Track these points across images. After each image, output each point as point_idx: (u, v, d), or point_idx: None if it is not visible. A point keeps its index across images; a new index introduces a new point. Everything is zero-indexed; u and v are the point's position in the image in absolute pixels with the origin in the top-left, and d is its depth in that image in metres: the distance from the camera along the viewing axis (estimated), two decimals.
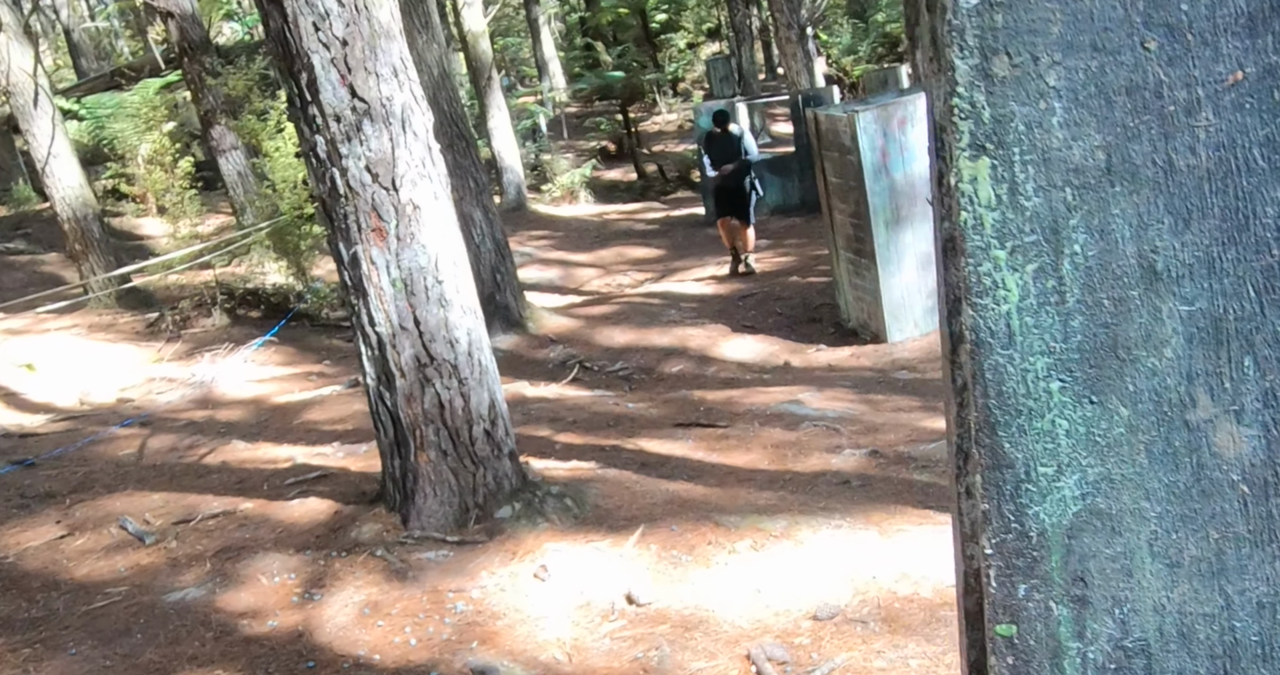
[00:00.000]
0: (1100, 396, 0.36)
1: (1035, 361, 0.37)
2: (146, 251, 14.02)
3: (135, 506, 5.42)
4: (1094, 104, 0.35)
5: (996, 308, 0.36)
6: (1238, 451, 0.36)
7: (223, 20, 21.39)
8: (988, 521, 0.38)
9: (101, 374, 8.83)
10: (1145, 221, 0.35)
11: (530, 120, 20.67)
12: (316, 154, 4.46)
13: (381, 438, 4.87)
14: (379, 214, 4.48)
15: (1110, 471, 0.36)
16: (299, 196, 10.75)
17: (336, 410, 7.40)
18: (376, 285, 4.55)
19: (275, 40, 4.39)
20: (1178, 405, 0.36)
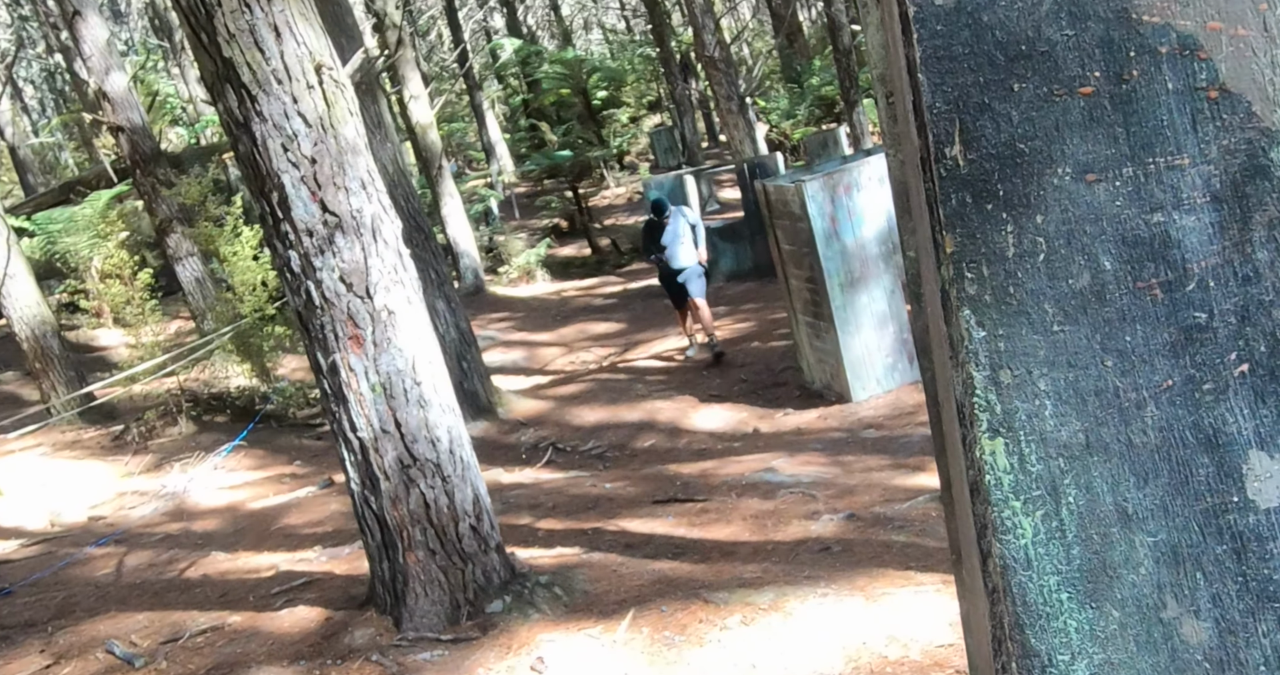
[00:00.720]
0: (1097, 603, 0.49)
1: (1049, 579, 0.49)
2: (105, 363, 13.94)
3: (120, 628, 5.37)
4: (1073, 402, 0.48)
5: (1017, 542, 0.49)
6: (1199, 639, 0.49)
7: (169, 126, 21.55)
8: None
9: (71, 493, 8.75)
10: (1117, 480, 0.48)
11: (482, 204, 20.91)
12: (291, 268, 4.56)
13: (368, 541, 4.90)
14: (355, 322, 4.57)
15: (1110, 657, 0.49)
16: (259, 298, 10.81)
17: (314, 513, 7.39)
18: (356, 391, 4.62)
19: (245, 162, 4.51)
20: (1153, 608, 0.49)
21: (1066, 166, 0.47)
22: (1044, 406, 0.49)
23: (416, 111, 15.86)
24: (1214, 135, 0.47)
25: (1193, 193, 0.47)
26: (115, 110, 12.07)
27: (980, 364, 0.48)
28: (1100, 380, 0.48)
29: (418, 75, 16.49)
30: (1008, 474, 0.49)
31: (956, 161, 0.48)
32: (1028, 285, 0.48)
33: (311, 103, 4.41)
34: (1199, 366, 0.48)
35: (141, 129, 12.40)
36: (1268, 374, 0.48)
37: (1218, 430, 0.49)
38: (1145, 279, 0.48)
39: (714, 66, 15.57)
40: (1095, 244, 0.48)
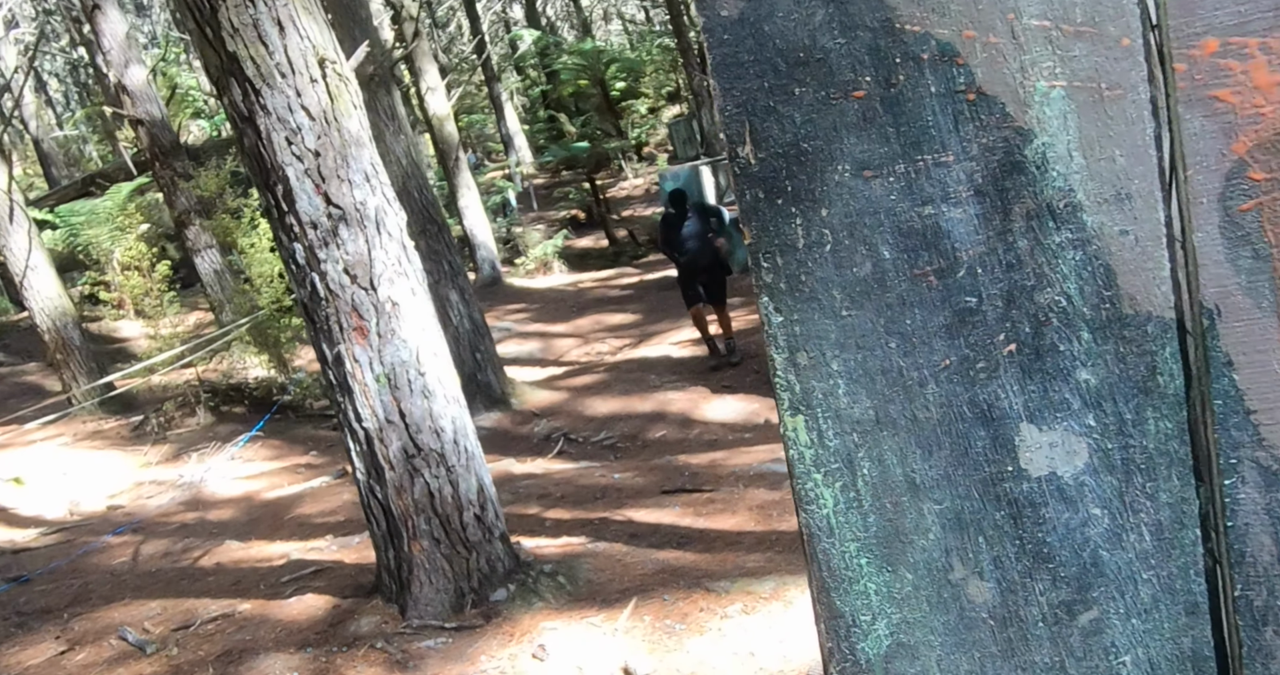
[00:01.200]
0: (893, 567, 0.53)
1: (849, 546, 0.53)
2: (126, 354, 14.12)
3: (133, 616, 5.47)
4: (863, 381, 0.52)
5: (820, 511, 0.53)
6: (984, 598, 0.53)
7: (190, 119, 21.71)
8: (831, 655, 0.54)
9: (90, 483, 8.88)
10: (905, 453, 0.52)
11: (500, 195, 20.98)
12: (295, 260, 4.63)
13: (374, 530, 4.97)
14: (359, 313, 4.63)
15: (906, 617, 0.53)
16: (276, 290, 10.91)
17: (327, 502, 7.47)
18: (361, 382, 4.69)
19: (250, 155, 4.57)
20: (942, 570, 0.53)
21: (846, 164, 0.51)
22: (837, 385, 0.52)
23: (433, 103, 15.93)
24: (974, 134, 0.50)
25: (958, 187, 0.51)
26: (134, 103, 12.19)
27: (780, 346, 0.52)
28: (886, 360, 0.52)
29: (434, 67, 16.56)
30: (809, 449, 0.53)
31: (749, 160, 0.51)
32: (817, 273, 0.52)
33: (315, 96, 4.46)
34: (972, 347, 0.52)
35: (160, 122, 12.52)
36: (1033, 352, 0.51)
37: (991, 405, 0.52)
38: (920, 267, 0.51)
39: None
40: (875, 235, 0.51)
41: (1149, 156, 0.48)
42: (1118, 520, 0.51)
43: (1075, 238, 0.50)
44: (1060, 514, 0.52)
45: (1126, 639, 0.52)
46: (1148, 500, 0.51)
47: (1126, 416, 0.51)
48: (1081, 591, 0.52)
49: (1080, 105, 0.48)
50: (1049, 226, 0.50)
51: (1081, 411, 0.51)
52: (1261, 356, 0.49)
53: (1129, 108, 0.48)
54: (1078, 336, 0.50)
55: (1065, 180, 0.49)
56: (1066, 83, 0.48)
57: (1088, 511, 0.52)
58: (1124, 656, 0.52)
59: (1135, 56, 0.47)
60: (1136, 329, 0.50)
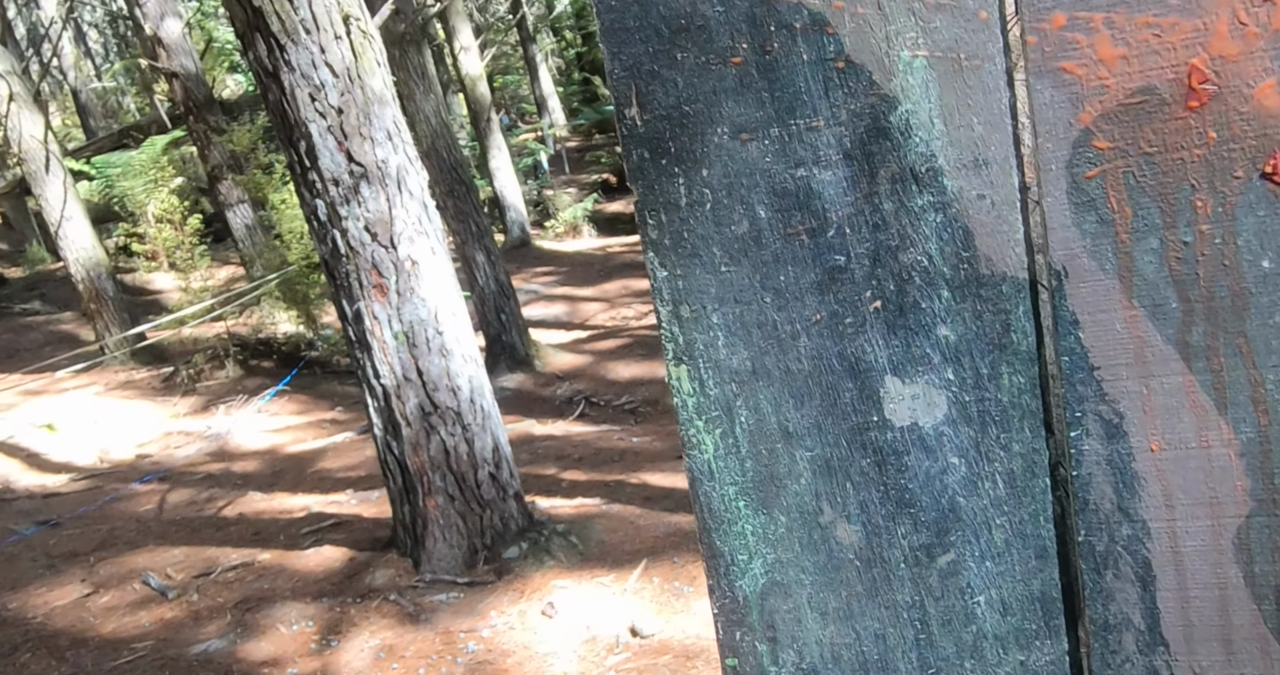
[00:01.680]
0: (768, 510, 0.56)
1: (728, 489, 0.57)
2: (159, 306, 14.31)
3: (157, 562, 5.61)
4: (741, 334, 0.55)
5: (701, 456, 0.56)
6: (851, 540, 0.56)
7: (226, 73, 21.81)
8: (713, 592, 0.58)
9: (120, 431, 9.05)
10: (779, 403, 0.55)
11: (531, 158, 20.96)
12: (317, 217, 4.68)
13: (390, 485, 5.06)
14: (379, 271, 4.69)
15: (780, 557, 0.57)
16: (306, 246, 11.00)
17: (349, 457, 7.59)
18: (379, 339, 4.75)
19: (274, 111, 4.62)
20: (812, 513, 0.56)
21: (724, 127, 0.54)
22: (717, 337, 0.56)
23: (467, 63, 15.91)
24: (843, 100, 0.53)
25: (829, 151, 0.53)
26: (170, 56, 12.27)
27: (665, 300, 0.55)
28: (762, 314, 0.55)
29: (469, 27, 16.51)
30: (691, 397, 0.56)
31: (635, 121, 0.54)
32: (698, 231, 0.55)
33: (339, 53, 4.50)
34: (841, 303, 0.55)
35: (195, 75, 12.59)
36: (897, 309, 0.54)
37: (859, 358, 0.55)
38: (794, 226, 0.54)
39: None
40: (752, 195, 0.54)
41: (1004, 125, 0.51)
42: (974, 469, 0.55)
43: (936, 201, 0.53)
44: (921, 462, 0.55)
45: (981, 580, 0.56)
46: (1002, 450, 0.55)
47: (983, 371, 0.54)
48: (940, 535, 0.56)
49: (941, 75, 0.51)
50: (912, 190, 0.53)
51: (941, 366, 0.54)
52: (1104, 316, 0.52)
53: (986, 77, 0.51)
54: (938, 295, 0.53)
55: (927, 146, 0.52)
56: (928, 52, 0.51)
57: (947, 460, 0.55)
58: (979, 596, 0.56)
59: (992, 28, 0.50)
60: (992, 288, 0.53)
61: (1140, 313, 0.52)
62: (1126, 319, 0.52)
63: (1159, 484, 0.54)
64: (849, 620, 0.56)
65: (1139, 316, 0.52)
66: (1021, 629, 0.56)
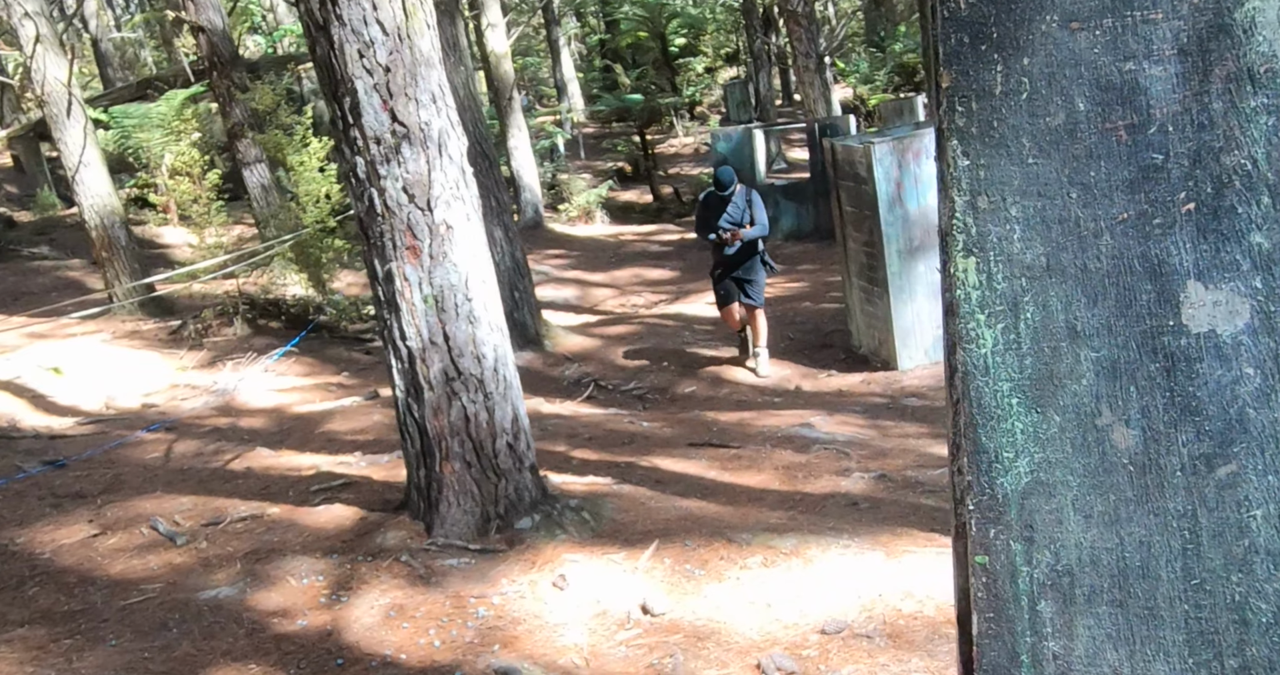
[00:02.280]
0: (1042, 409, 0.56)
1: (1002, 385, 0.56)
2: (167, 260, 14.28)
3: (165, 508, 5.60)
4: (1039, 228, 0.55)
5: (979, 351, 0.56)
6: (1127, 445, 0.56)
7: (247, 33, 21.72)
8: (970, 488, 0.57)
9: (126, 380, 9.03)
10: (1070, 301, 0.55)
11: (549, 140, 20.92)
12: (356, 174, 4.67)
13: (408, 448, 5.05)
14: (414, 233, 4.68)
15: (1048, 457, 0.56)
16: (321, 210, 10.98)
17: (357, 421, 7.59)
18: (409, 301, 4.74)
19: (321, 65, 4.60)
20: (1090, 415, 0.56)
21: (1054, 14, 0.53)
22: (1013, 231, 0.55)
23: (493, 40, 15.87)
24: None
25: (1162, 45, 0.53)
26: (197, 10, 12.23)
27: (962, 189, 0.55)
28: (1065, 210, 0.54)
29: (498, 4, 16.47)
30: (976, 290, 0.56)
31: (959, 4, 0.54)
32: (1010, 121, 0.54)
33: (391, 11, 4.48)
34: (1152, 203, 0.54)
35: (221, 32, 12.55)
36: (1211, 213, 0.54)
37: (1162, 261, 0.55)
38: (1113, 121, 0.54)
39: (796, 22, 15.38)
40: (1072, 86, 0.54)
41: None
42: (1269, 381, 0.54)
43: (1271, 103, 0.52)
44: (1214, 370, 0.55)
45: (1261, 494, 0.55)
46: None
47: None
48: (1223, 446, 0.55)
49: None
50: (1246, 90, 0.52)
51: (1250, 273, 0.53)
52: None
53: None
54: (1258, 200, 0.52)
55: (1270, 46, 0.51)
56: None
57: (1241, 370, 0.54)
58: (1255, 510, 0.56)
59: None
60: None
61: None
62: None
63: None
64: (1114, 525, 0.55)
65: None
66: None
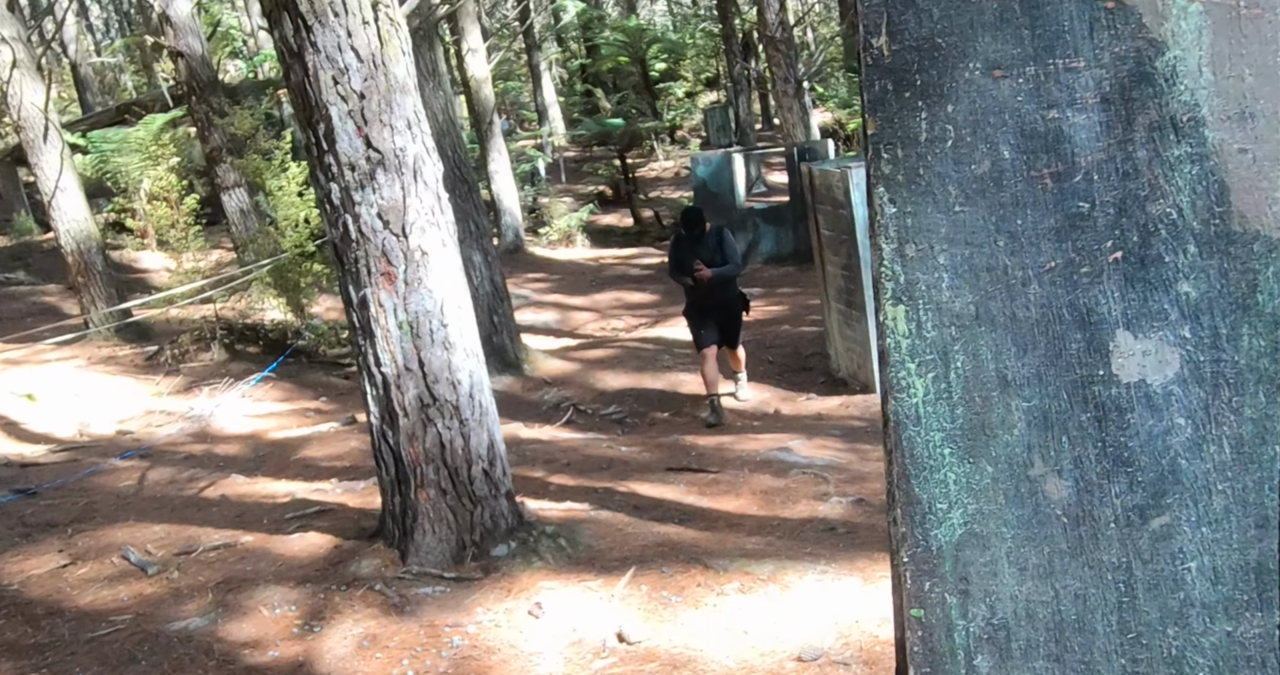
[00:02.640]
0: (974, 459, 0.55)
1: (934, 435, 0.56)
2: (145, 285, 14.20)
3: (137, 537, 5.54)
4: (968, 276, 0.54)
5: (910, 400, 0.55)
6: (1060, 496, 0.55)
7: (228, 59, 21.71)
8: (904, 540, 0.56)
9: (101, 406, 8.96)
10: (1000, 350, 0.54)
11: (530, 164, 20.97)
12: (331, 200, 4.65)
13: (383, 475, 5.01)
14: (388, 259, 4.66)
15: (982, 507, 0.56)
16: (300, 235, 10.95)
17: (334, 447, 7.53)
18: (384, 327, 4.72)
19: (295, 92, 4.59)
20: (1022, 465, 0.55)
21: (977, 62, 0.53)
22: (941, 279, 0.55)
23: (473, 65, 15.92)
24: (1108, 42, 0.52)
25: (1085, 93, 0.53)
26: (176, 35, 12.22)
27: (890, 237, 0.54)
28: (992, 258, 0.54)
29: (478, 29, 16.53)
30: (906, 338, 0.55)
31: (882, 51, 0.53)
32: (935, 168, 0.54)
33: (365, 38, 4.48)
34: (1079, 251, 0.54)
35: (200, 57, 12.55)
36: (1138, 262, 0.54)
37: (1091, 310, 0.54)
38: (1038, 169, 0.53)
39: (775, 47, 15.48)
40: (997, 134, 0.53)
41: (1276, 78, 0.50)
42: (1200, 431, 0.54)
43: (1194, 152, 0.52)
44: (1145, 420, 0.54)
45: (1195, 546, 0.55)
46: (1232, 414, 0.53)
47: (1222, 331, 0.53)
48: (1156, 497, 0.54)
49: (1216, 22, 0.50)
50: (1170, 139, 0.52)
51: (1178, 322, 0.53)
52: None
53: (1265, 28, 0.50)
54: (1184, 249, 0.52)
55: (1192, 95, 0.51)
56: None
57: (1172, 420, 0.54)
58: (1190, 563, 0.55)
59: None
60: (1243, 246, 0.52)
61: None
62: None
63: None
64: (1049, 578, 0.55)
65: None
66: (1232, 599, 0.55)
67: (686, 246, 8.22)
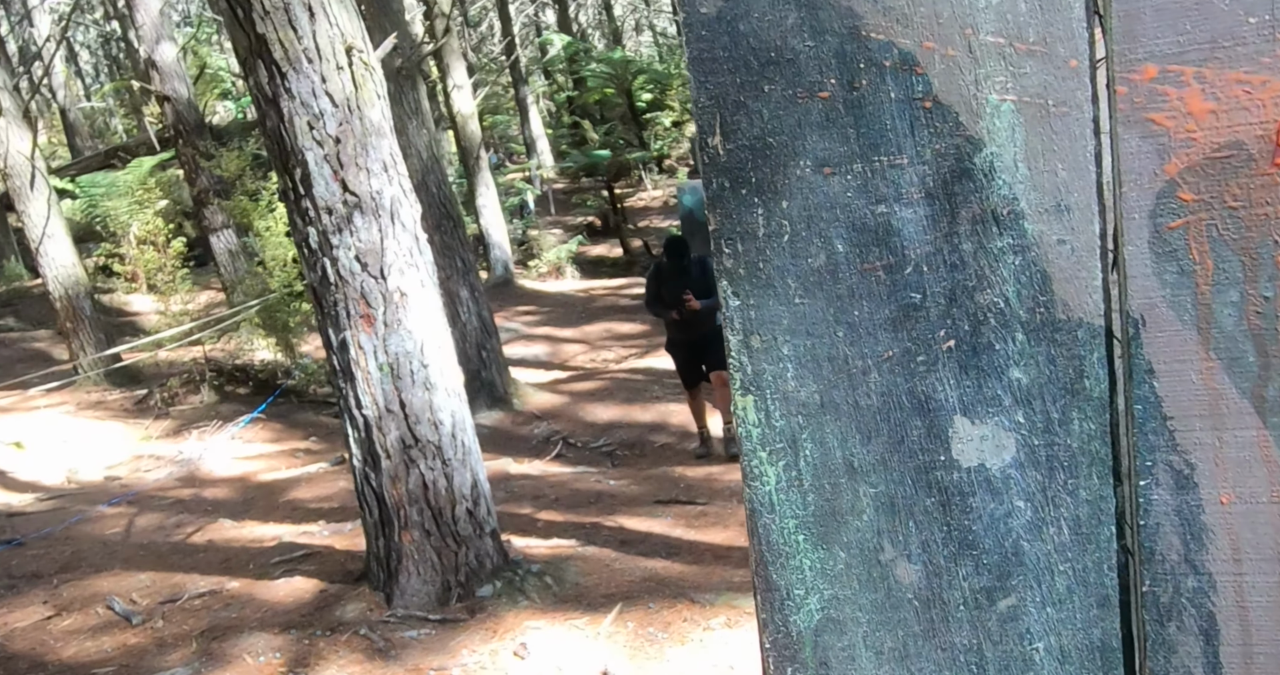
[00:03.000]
0: (827, 545, 0.56)
1: (788, 522, 0.57)
2: (135, 328, 14.19)
3: (122, 586, 5.51)
4: (811, 366, 0.55)
5: (763, 487, 0.56)
6: (910, 580, 0.56)
7: (217, 100, 21.83)
8: (765, 626, 0.57)
9: (89, 452, 8.93)
10: (845, 437, 0.56)
11: (518, 197, 21.04)
12: (309, 244, 4.67)
13: (366, 517, 5.00)
14: (367, 301, 4.67)
15: (837, 593, 0.57)
16: (289, 274, 10.97)
17: (322, 488, 7.51)
18: (364, 369, 4.73)
19: (271, 137, 4.62)
20: (873, 550, 0.56)
21: (807, 160, 0.55)
22: (786, 369, 0.56)
23: (459, 101, 16.01)
24: (928, 140, 0.54)
25: (910, 189, 0.54)
26: (163, 80, 12.29)
27: (735, 329, 0.56)
28: (833, 348, 0.55)
29: (463, 65, 16.64)
30: (756, 427, 0.56)
31: (717, 150, 0.55)
32: (774, 262, 0.55)
33: (340, 83, 4.51)
34: (914, 340, 0.55)
35: (187, 100, 12.61)
36: (971, 350, 0.55)
37: (929, 397, 0.55)
38: (871, 261, 0.55)
39: None
40: (830, 229, 0.55)
41: (1089, 171, 0.52)
42: (1039, 513, 0.55)
43: (1016, 244, 0.53)
44: (986, 504, 0.55)
45: (1041, 626, 0.56)
46: (1068, 496, 0.55)
47: (1053, 416, 0.54)
48: (1001, 579, 0.56)
49: (1028, 119, 0.52)
50: (992, 231, 0.53)
51: (1012, 408, 0.55)
52: (1180, 366, 0.53)
53: (1073, 124, 0.52)
54: (1013, 337, 0.54)
55: (1010, 189, 0.53)
56: (1016, 97, 0.52)
57: (1012, 503, 0.55)
58: (1038, 643, 0.56)
59: (1081, 77, 0.51)
60: (1068, 333, 0.54)
61: (1217, 365, 0.52)
62: (1203, 370, 0.53)
63: (1227, 537, 0.54)
64: (904, 661, 0.55)
65: (1215, 368, 0.52)
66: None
67: (669, 276, 7.69)
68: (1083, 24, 0.51)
